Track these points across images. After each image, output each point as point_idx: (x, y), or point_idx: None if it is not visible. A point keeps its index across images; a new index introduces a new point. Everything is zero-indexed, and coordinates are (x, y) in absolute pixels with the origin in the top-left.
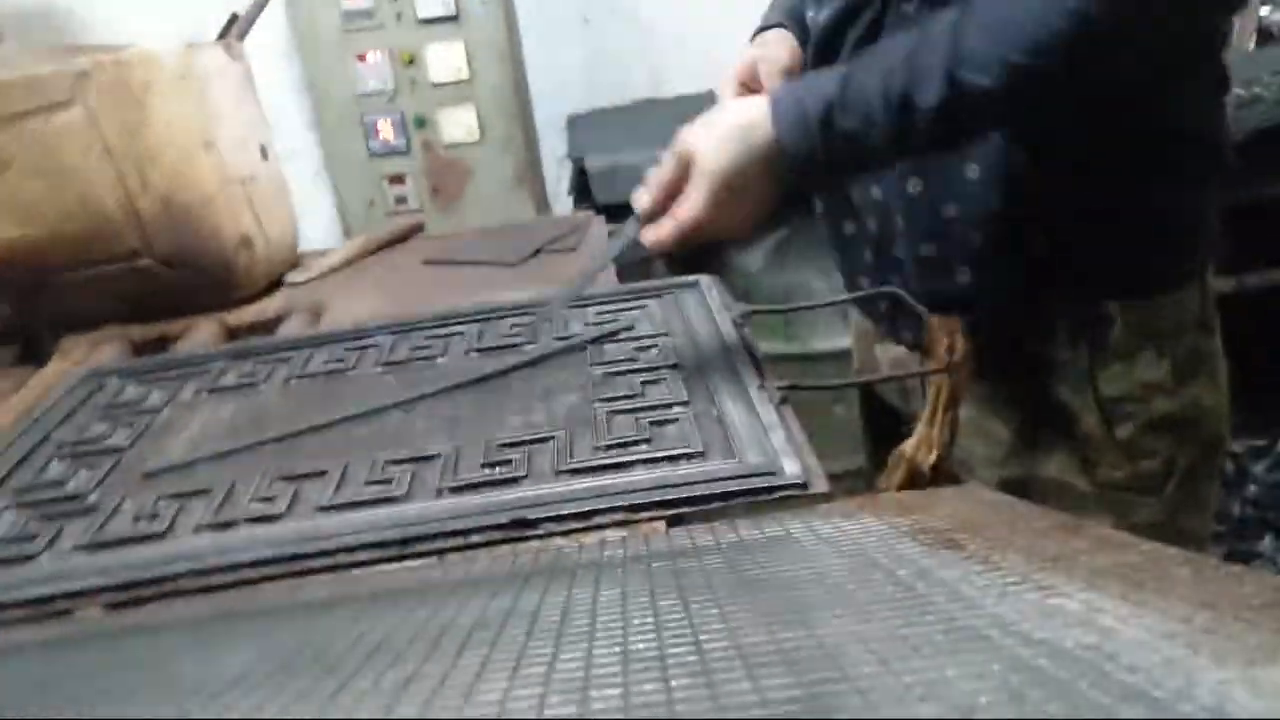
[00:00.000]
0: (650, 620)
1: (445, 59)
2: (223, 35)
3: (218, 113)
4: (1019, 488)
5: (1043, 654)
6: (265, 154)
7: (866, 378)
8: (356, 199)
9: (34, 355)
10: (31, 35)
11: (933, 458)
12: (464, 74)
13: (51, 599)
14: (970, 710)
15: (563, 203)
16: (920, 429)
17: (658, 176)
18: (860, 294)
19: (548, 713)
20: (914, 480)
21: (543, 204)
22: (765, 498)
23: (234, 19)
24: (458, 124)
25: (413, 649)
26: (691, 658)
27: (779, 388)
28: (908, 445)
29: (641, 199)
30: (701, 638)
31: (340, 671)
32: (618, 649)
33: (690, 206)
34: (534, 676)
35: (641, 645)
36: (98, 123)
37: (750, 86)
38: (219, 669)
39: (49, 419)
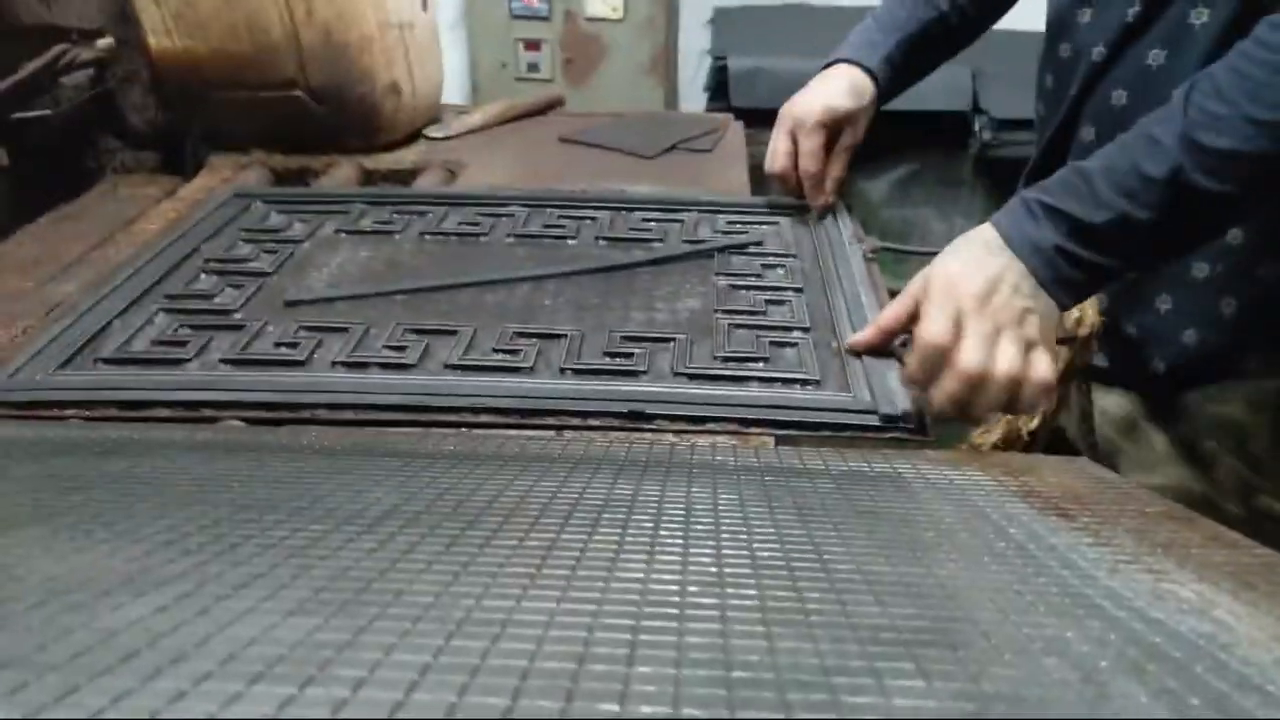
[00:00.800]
0: (772, 530)
1: None
2: None
3: None
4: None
5: (1159, 633)
6: (425, 3)
7: None
8: (489, 59)
9: (178, 166)
10: None
11: (1034, 423)
12: None
13: (199, 405)
14: (1091, 672)
15: (692, 98)
16: None
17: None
18: None
19: (689, 600)
20: (1009, 443)
21: (672, 96)
22: (874, 435)
23: None
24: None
25: (548, 516)
26: (819, 574)
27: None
28: None
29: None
30: (825, 556)
31: (482, 526)
32: (745, 553)
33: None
34: (670, 564)
35: (766, 553)
36: None
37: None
38: (367, 501)
39: (198, 232)
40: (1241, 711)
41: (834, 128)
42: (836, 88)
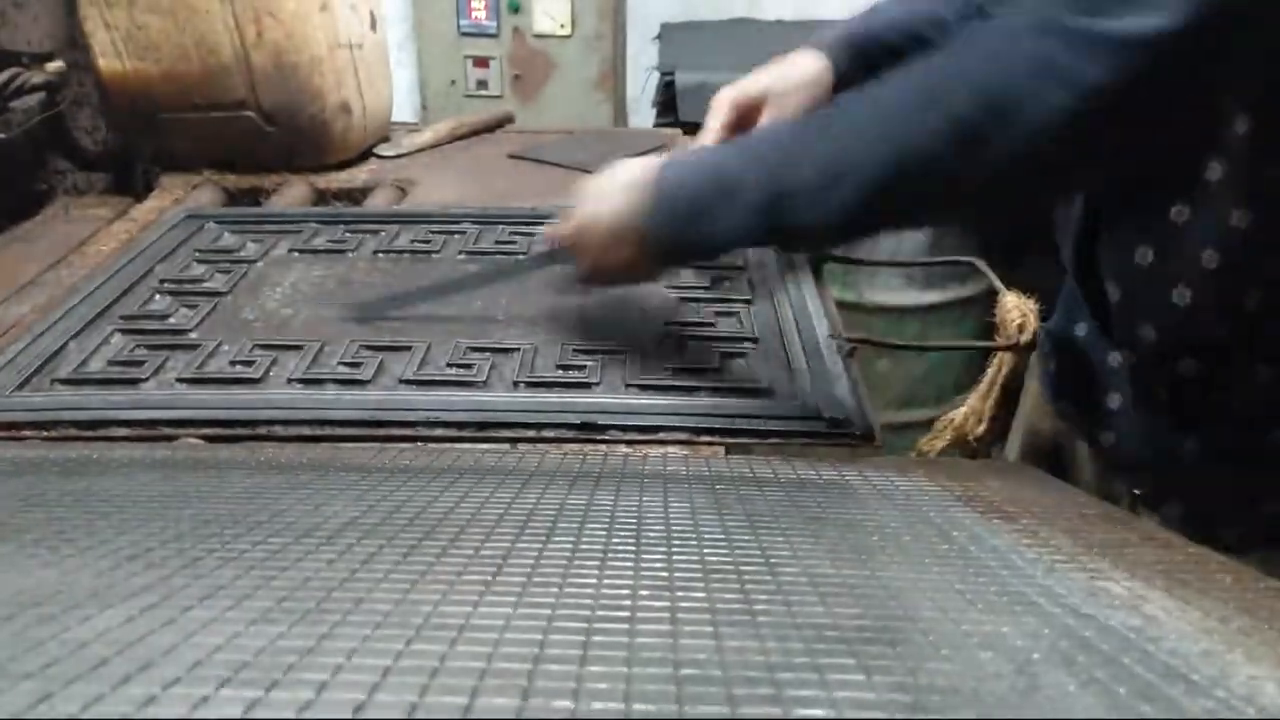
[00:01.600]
0: (721, 537)
1: None
2: None
3: None
4: None
5: (1090, 627)
6: (374, 23)
7: (935, 343)
8: (439, 76)
9: (129, 186)
10: None
11: (980, 430)
12: None
13: (157, 424)
14: (1024, 664)
15: (641, 113)
16: (972, 400)
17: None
18: (937, 260)
19: (640, 603)
20: (958, 448)
21: (620, 111)
22: (823, 442)
23: None
24: (550, 15)
25: (503, 527)
26: (766, 577)
27: (848, 340)
28: (957, 414)
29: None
30: (772, 560)
31: (439, 536)
32: (695, 558)
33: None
34: (623, 570)
35: (715, 558)
36: None
37: (744, 119)
38: (325, 515)
39: (152, 253)
40: (1167, 700)
41: (747, 108)
42: (771, 69)
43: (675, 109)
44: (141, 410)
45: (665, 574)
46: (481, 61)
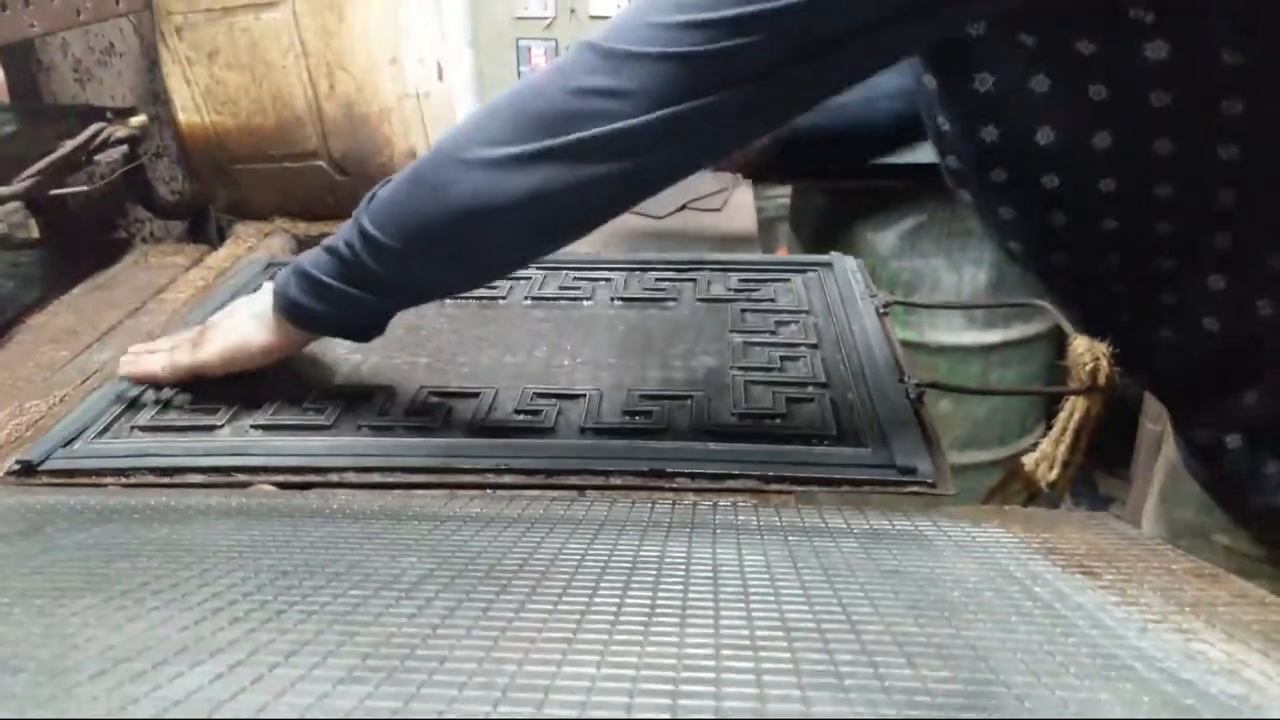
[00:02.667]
0: (799, 591)
1: None
2: None
3: (406, 28)
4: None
5: (1190, 694)
6: (440, 73)
7: (1007, 388)
8: None
9: (204, 235)
10: None
11: (1053, 475)
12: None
13: (231, 470)
14: None
15: None
16: (1044, 446)
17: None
18: (1004, 302)
19: (725, 664)
20: (1030, 495)
21: None
22: (894, 489)
23: None
24: None
25: (579, 579)
26: (848, 635)
27: (917, 384)
28: (1028, 459)
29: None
30: (854, 617)
31: (516, 589)
32: (775, 614)
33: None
34: (703, 627)
35: (795, 615)
36: (299, 25)
37: None
38: (402, 566)
39: (228, 302)
40: None
41: None
42: None
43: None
44: (216, 457)
45: (746, 632)
46: None
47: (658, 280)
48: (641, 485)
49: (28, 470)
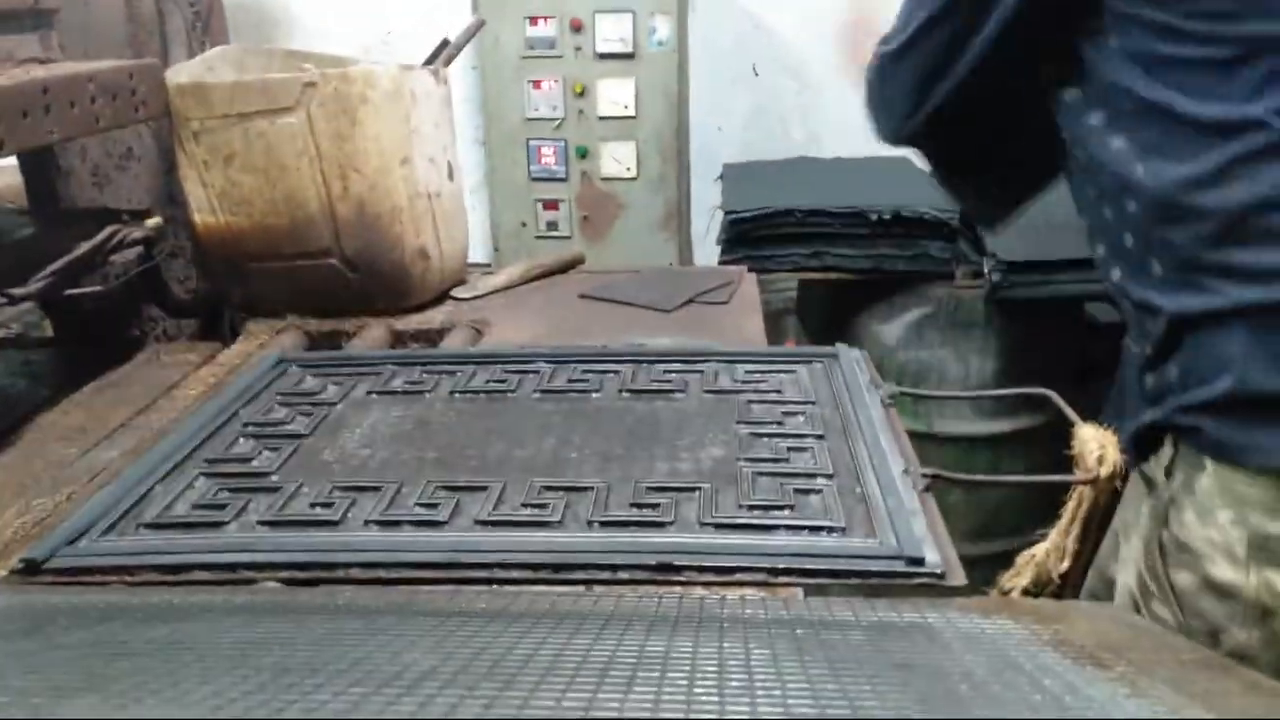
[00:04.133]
0: (805, 686)
1: (615, 94)
2: (431, 60)
3: (418, 131)
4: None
5: None
6: (451, 173)
7: (1013, 478)
8: (510, 218)
9: (216, 332)
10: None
11: (1063, 566)
12: (630, 110)
13: (237, 566)
14: None
15: (705, 249)
16: (1054, 536)
17: None
18: (1008, 391)
19: None
20: (1040, 586)
21: (686, 249)
22: (903, 582)
23: (444, 45)
24: (616, 159)
25: (583, 674)
26: None
27: (924, 474)
28: (1039, 550)
29: None
30: (861, 711)
31: (519, 686)
32: (779, 709)
33: None
34: None
35: (801, 709)
36: (314, 129)
37: None
38: (405, 663)
39: (237, 397)
40: None
41: None
42: None
43: (739, 246)
44: (222, 554)
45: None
46: (551, 204)
47: (665, 372)
48: (649, 580)
49: (32, 569)
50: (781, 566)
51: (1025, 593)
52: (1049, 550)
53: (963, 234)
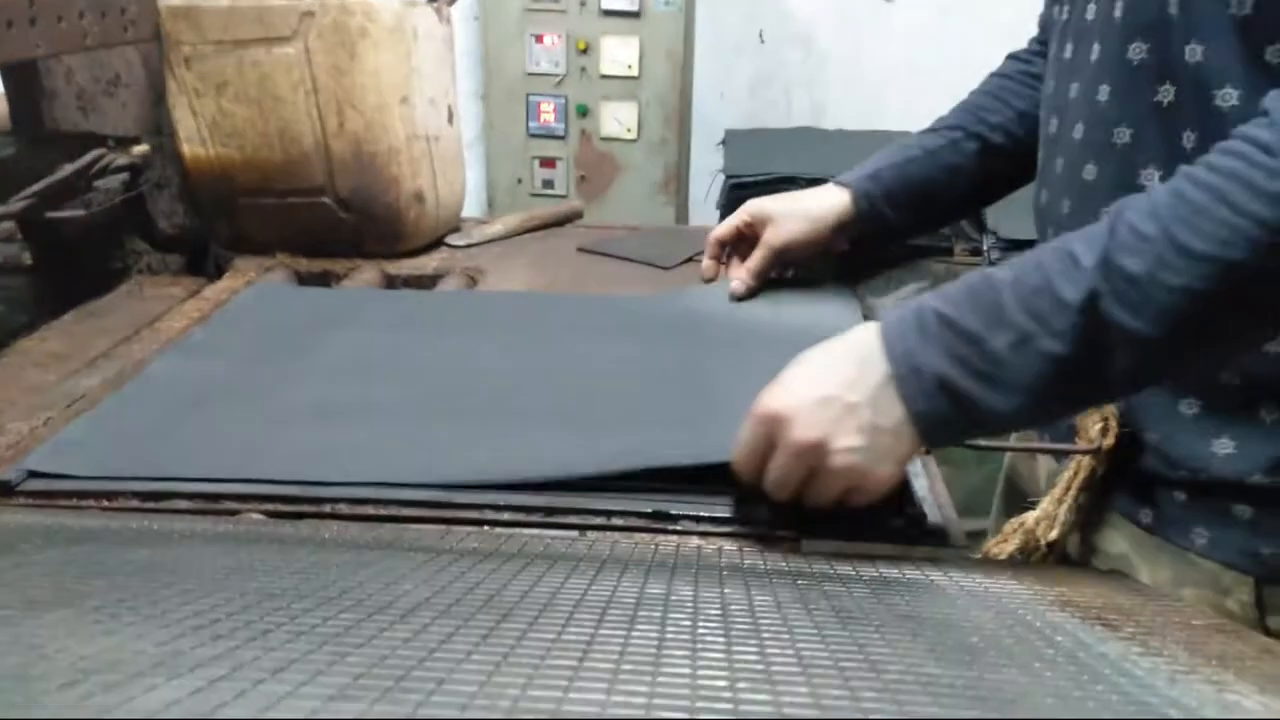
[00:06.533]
0: (813, 631)
1: (618, 53)
2: None
3: (418, 70)
4: None
5: None
6: (451, 117)
7: (1015, 444)
8: (506, 174)
9: (202, 268)
10: None
11: (1053, 534)
12: (634, 70)
13: (220, 497)
14: None
15: (702, 214)
16: (1046, 504)
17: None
18: None
19: (741, 696)
20: (1026, 553)
21: (683, 213)
22: (901, 540)
23: None
24: (617, 119)
25: (580, 613)
26: (869, 674)
27: None
28: (1029, 517)
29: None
30: (872, 657)
31: (516, 619)
32: (790, 652)
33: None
34: (716, 662)
35: (811, 653)
36: (311, 61)
37: (736, 245)
38: (396, 593)
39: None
40: None
41: (756, 222)
42: (786, 196)
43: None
44: (204, 483)
45: (761, 667)
46: (548, 162)
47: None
48: (644, 527)
49: (5, 490)
50: (779, 520)
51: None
52: (1039, 518)
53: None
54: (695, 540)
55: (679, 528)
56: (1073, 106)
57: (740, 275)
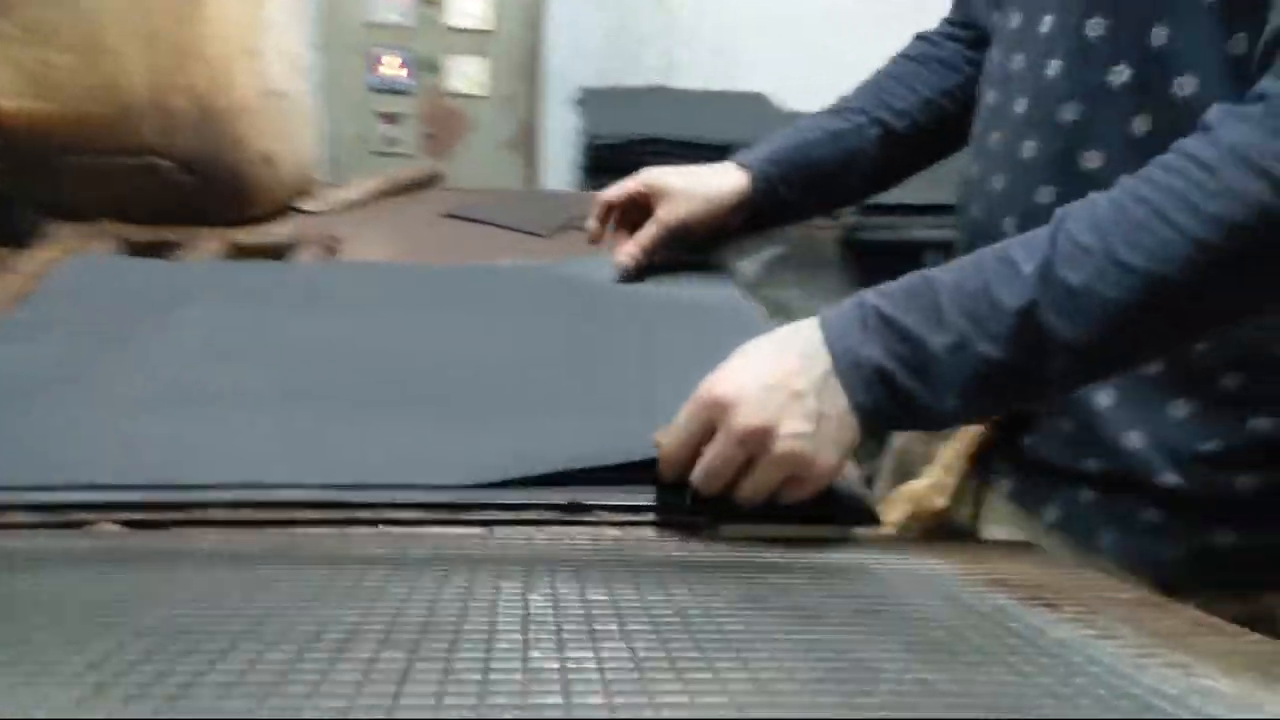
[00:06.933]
0: (802, 642)
1: (468, 4)
2: None
3: (269, 21)
4: None
5: None
6: (302, 72)
7: None
8: (345, 131)
9: (7, 235)
10: None
11: (941, 502)
12: (486, 24)
13: (66, 508)
14: None
15: (554, 174)
16: (935, 472)
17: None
18: None
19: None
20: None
21: (533, 174)
22: (821, 519)
23: None
24: (466, 75)
25: (537, 630)
26: (869, 685)
27: None
28: (919, 485)
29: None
30: (870, 666)
31: (469, 644)
32: (773, 666)
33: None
34: (705, 684)
35: (805, 672)
36: (149, 7)
37: (630, 213)
38: (321, 618)
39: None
40: None
41: (652, 194)
42: (680, 170)
43: (602, 173)
44: (45, 492)
45: (753, 686)
46: (391, 118)
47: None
48: (557, 520)
49: None
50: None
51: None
52: (929, 486)
53: None
54: (612, 531)
55: (592, 518)
56: (1016, 79)
57: (630, 250)
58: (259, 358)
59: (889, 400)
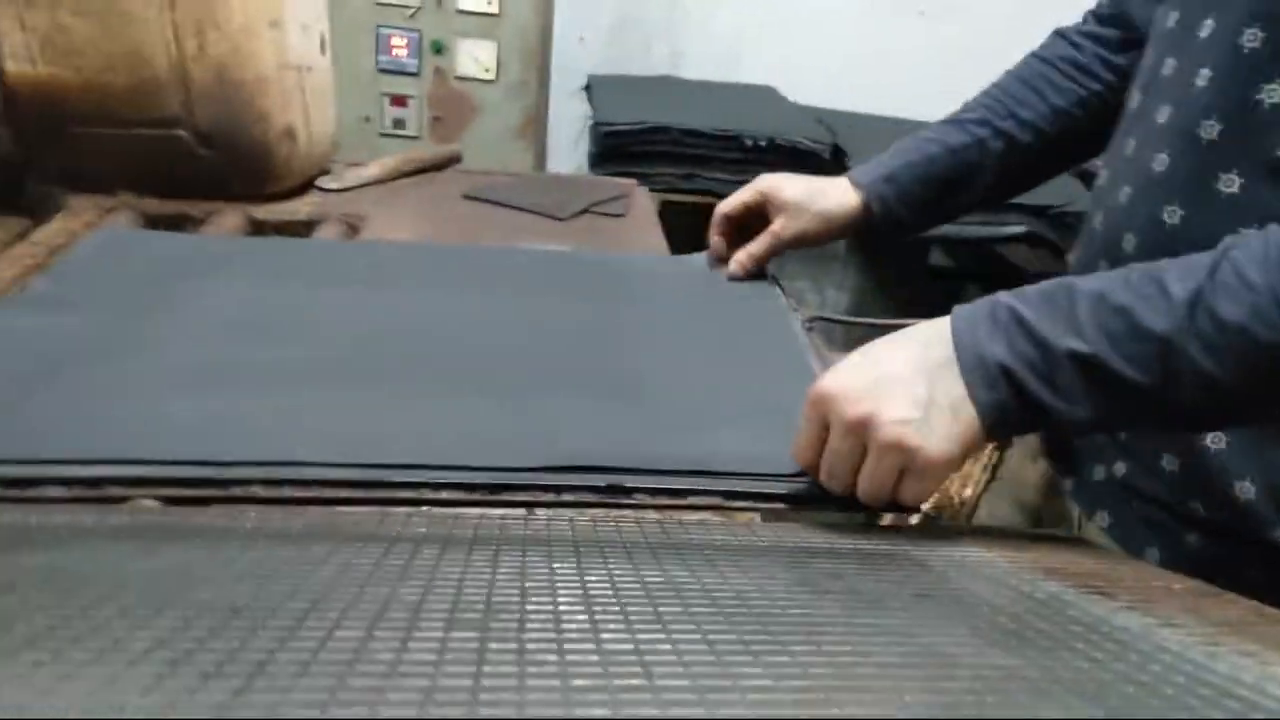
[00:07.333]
0: (846, 618)
1: None
2: None
3: None
4: None
5: None
6: (324, 46)
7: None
8: (352, 112)
9: (20, 206)
10: None
11: (966, 493)
12: (493, 7)
13: (103, 482)
14: None
15: (560, 161)
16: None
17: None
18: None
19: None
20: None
21: (541, 160)
22: (859, 510)
23: None
24: (475, 58)
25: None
26: (944, 670)
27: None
28: None
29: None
30: (946, 652)
31: (536, 623)
32: (847, 649)
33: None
34: (782, 666)
35: (883, 653)
36: None
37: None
38: (381, 596)
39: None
40: None
41: (769, 206)
42: (796, 179)
43: (612, 160)
44: (84, 466)
45: (831, 670)
46: (399, 100)
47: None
48: (597, 502)
49: None
50: (736, 490)
51: (928, 517)
52: (955, 475)
53: (833, 165)
54: (652, 514)
55: (634, 501)
56: (1163, 85)
57: (741, 260)
58: (294, 334)
59: (1014, 401)
